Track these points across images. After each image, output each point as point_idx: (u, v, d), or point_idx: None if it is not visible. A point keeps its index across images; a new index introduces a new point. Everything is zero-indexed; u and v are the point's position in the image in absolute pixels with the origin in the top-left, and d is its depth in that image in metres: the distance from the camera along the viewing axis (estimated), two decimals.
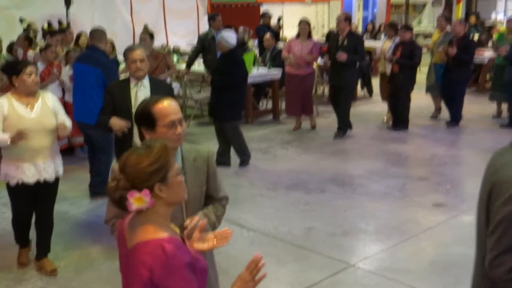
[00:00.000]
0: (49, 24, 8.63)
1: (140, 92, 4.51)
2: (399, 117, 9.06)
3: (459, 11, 18.63)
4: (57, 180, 4.49)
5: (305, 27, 8.80)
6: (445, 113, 9.59)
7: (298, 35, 8.88)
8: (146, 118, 2.53)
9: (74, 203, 6.12)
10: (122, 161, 2.00)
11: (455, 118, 9.22)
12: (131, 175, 1.95)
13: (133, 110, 4.39)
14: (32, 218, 4.61)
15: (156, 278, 1.90)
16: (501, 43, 9.52)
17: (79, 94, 6.13)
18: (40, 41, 7.44)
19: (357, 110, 10.34)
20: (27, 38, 8.20)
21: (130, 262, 2.00)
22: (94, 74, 5.88)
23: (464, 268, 4.59)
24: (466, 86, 9.26)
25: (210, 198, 2.78)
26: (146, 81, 4.57)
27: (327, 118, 9.64)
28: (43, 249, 4.61)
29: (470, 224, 5.59)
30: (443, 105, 9.63)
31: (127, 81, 4.63)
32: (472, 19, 13.94)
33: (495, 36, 10.90)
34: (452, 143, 8.46)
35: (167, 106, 2.53)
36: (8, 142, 4.05)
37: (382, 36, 12.75)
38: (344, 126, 8.70)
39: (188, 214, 2.63)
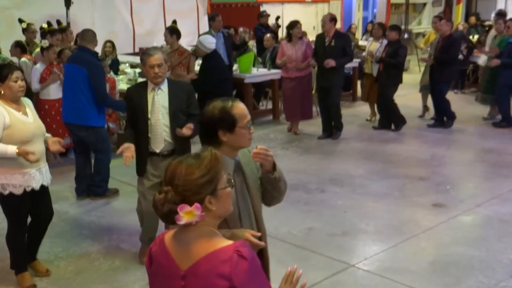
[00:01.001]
0: (49, 24, 8.61)
1: (158, 96, 4.37)
2: (392, 119, 8.99)
3: (459, 12, 18.62)
4: None
5: (300, 30, 8.63)
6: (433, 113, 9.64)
7: (290, 39, 8.64)
8: (226, 120, 2.50)
9: (74, 203, 6.13)
10: (169, 172, 1.89)
11: (449, 117, 9.17)
12: (181, 187, 1.84)
13: (149, 115, 4.35)
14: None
15: (239, 285, 1.79)
16: (500, 45, 9.46)
17: (67, 94, 6.02)
18: (44, 42, 7.40)
19: (357, 110, 10.36)
20: (19, 45, 8.08)
21: (197, 281, 1.84)
22: (80, 74, 5.78)
23: (464, 268, 4.61)
24: (449, 85, 9.19)
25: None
26: (164, 85, 4.41)
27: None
28: (35, 252, 4.55)
29: (470, 224, 5.62)
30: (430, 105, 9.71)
31: (145, 85, 4.47)
32: (472, 19, 13.94)
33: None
34: (452, 143, 8.46)
35: (244, 107, 2.57)
36: (16, 156, 3.93)
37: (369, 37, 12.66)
38: (340, 125, 8.66)
39: (257, 219, 2.68)
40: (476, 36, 12.50)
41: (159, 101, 4.36)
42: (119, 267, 4.66)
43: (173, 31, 8.01)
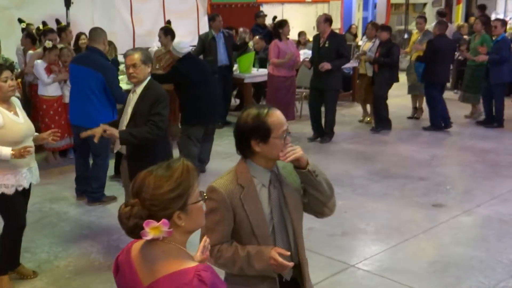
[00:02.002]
0: (44, 24, 8.58)
1: (132, 97, 4.43)
2: (380, 117, 9.00)
3: (459, 12, 18.63)
4: None
5: (289, 30, 8.60)
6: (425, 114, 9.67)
7: (280, 38, 8.50)
8: (260, 129, 2.32)
9: (74, 203, 6.12)
10: (137, 183, 1.77)
11: (443, 120, 9.15)
12: (148, 201, 1.73)
13: (123, 116, 4.46)
14: None
15: None
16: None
17: (77, 96, 5.86)
18: (48, 42, 7.39)
19: (356, 110, 10.35)
20: (29, 36, 8.16)
21: None
22: (94, 78, 5.67)
23: (464, 268, 4.61)
24: (438, 88, 9.13)
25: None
26: (140, 87, 4.39)
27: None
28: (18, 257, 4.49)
29: (470, 225, 5.62)
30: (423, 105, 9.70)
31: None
32: (472, 19, 13.93)
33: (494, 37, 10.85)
34: (452, 144, 8.46)
35: (281, 116, 2.38)
36: (11, 158, 3.88)
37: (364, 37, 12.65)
38: (331, 131, 8.48)
39: (295, 234, 2.49)
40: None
41: (129, 103, 4.43)
42: None
43: (167, 32, 7.95)
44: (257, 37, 10.26)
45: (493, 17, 18.29)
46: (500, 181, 6.74)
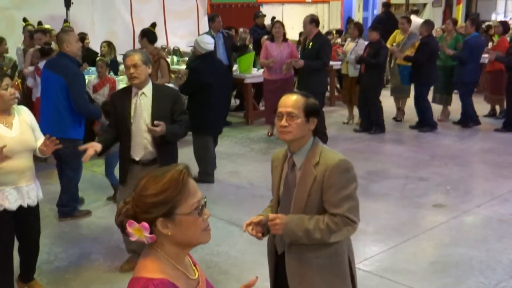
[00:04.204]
0: (39, 23, 8.59)
1: (141, 102, 4.22)
2: (373, 120, 8.91)
3: (459, 12, 18.63)
4: (37, 203, 4.00)
5: (280, 30, 8.38)
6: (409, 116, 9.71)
7: (272, 38, 8.44)
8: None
9: None
10: (138, 183, 1.75)
11: (428, 124, 9.11)
12: (134, 201, 1.70)
13: (132, 121, 4.20)
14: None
15: None
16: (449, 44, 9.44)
17: (46, 105, 5.43)
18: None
19: (355, 110, 10.33)
20: (32, 37, 8.18)
21: None
22: (58, 84, 5.24)
23: (464, 268, 4.61)
24: (427, 89, 9.15)
25: (326, 211, 2.64)
26: (147, 90, 4.25)
27: (327, 118, 9.62)
28: (31, 270, 4.24)
29: (470, 225, 5.62)
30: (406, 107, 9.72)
31: (128, 90, 4.33)
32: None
33: (495, 37, 10.88)
34: (452, 144, 8.46)
35: (283, 98, 2.70)
36: None
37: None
38: (322, 135, 8.05)
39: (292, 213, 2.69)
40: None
41: (141, 107, 4.22)
42: (119, 267, 4.65)
43: (144, 34, 7.56)
44: (265, 37, 10.17)
45: (493, 17, 18.37)
46: (500, 181, 6.74)
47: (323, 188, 2.61)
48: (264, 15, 12.54)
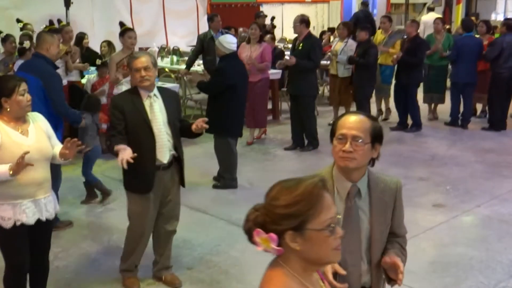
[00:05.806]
0: (51, 23, 8.57)
1: (155, 103, 4.11)
2: None
3: (459, 12, 18.62)
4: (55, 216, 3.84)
5: (255, 31, 8.09)
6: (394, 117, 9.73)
7: (249, 40, 8.20)
8: (331, 131, 2.39)
9: (73, 203, 6.11)
10: (270, 189, 1.67)
11: (415, 123, 9.09)
12: (264, 210, 1.63)
13: (152, 124, 4.08)
14: None
15: None
16: (431, 43, 9.43)
17: None
18: (26, 43, 7.34)
19: (354, 110, 10.34)
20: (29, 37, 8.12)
21: None
22: (35, 85, 4.82)
23: (464, 268, 4.61)
24: (417, 89, 9.09)
25: (392, 235, 2.47)
26: (157, 92, 4.18)
27: (326, 118, 9.63)
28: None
29: (470, 225, 5.62)
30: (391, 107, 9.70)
31: (135, 93, 4.14)
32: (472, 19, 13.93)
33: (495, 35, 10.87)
34: (452, 144, 8.46)
35: (345, 117, 2.37)
36: (9, 174, 3.30)
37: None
38: (313, 139, 7.98)
39: (372, 253, 2.39)
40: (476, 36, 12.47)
41: (157, 109, 4.13)
42: (119, 267, 4.65)
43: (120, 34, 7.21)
44: (268, 36, 10.14)
45: (492, 17, 18.38)
46: (500, 181, 6.74)
47: (394, 212, 2.46)
48: (266, 15, 12.54)
